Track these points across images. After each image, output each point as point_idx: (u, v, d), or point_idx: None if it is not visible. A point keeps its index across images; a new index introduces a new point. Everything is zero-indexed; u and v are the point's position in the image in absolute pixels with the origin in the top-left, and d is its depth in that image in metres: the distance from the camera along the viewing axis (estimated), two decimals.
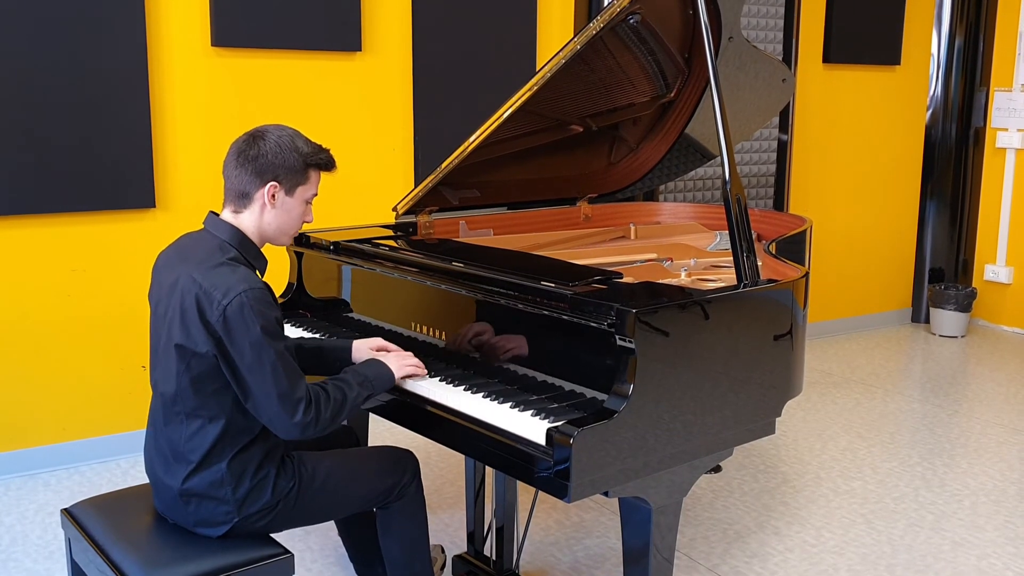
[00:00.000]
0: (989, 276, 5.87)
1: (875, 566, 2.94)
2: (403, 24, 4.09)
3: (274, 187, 2.03)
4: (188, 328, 1.94)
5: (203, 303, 1.92)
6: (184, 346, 1.95)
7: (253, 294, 1.92)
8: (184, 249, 2.06)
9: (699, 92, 3.05)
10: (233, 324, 1.90)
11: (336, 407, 2.03)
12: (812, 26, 5.25)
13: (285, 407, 1.94)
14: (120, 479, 3.57)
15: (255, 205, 2.04)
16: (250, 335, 1.90)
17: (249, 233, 2.06)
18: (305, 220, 2.12)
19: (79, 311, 3.62)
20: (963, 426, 4.18)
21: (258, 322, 1.91)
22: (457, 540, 3.06)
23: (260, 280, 1.98)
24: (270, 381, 1.92)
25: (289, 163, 2.03)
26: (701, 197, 5.02)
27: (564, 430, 1.80)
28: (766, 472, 3.65)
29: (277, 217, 2.06)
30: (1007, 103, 5.69)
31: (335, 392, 2.04)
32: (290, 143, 2.04)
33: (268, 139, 2.02)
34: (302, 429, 1.97)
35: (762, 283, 2.23)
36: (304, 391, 1.97)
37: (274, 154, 2.01)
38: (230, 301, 1.90)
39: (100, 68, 3.48)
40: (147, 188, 3.64)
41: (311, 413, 1.97)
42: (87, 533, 2.09)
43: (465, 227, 3.09)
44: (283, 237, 2.11)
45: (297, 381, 1.97)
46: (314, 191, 2.10)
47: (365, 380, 2.11)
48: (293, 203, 2.07)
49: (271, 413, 1.95)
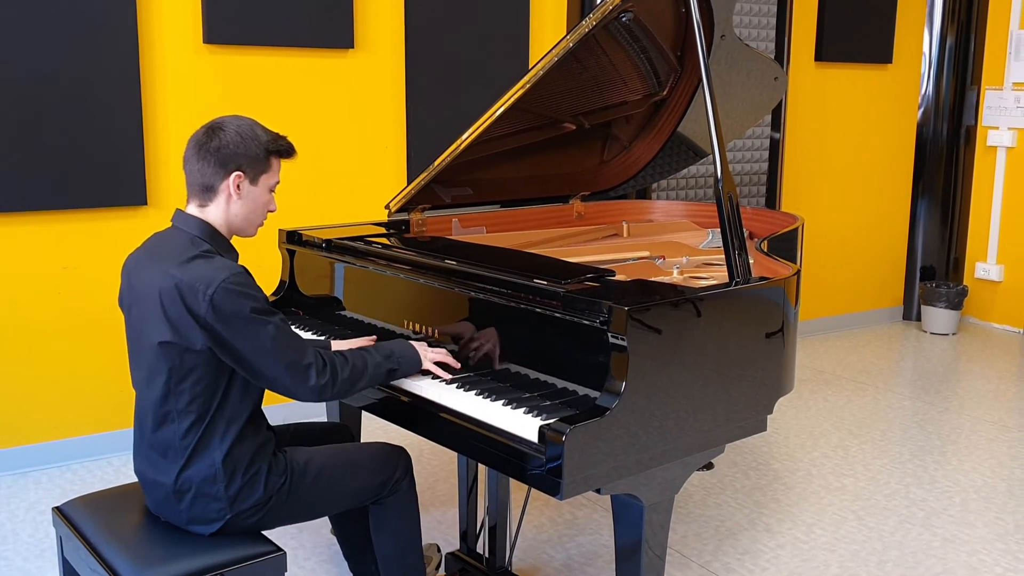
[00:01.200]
0: (980, 274, 5.90)
1: (866, 563, 2.95)
2: (396, 21, 4.09)
3: (238, 177, 2.02)
4: (175, 326, 1.93)
5: (187, 297, 1.91)
6: (173, 343, 1.94)
7: (235, 279, 1.93)
8: (154, 249, 2.05)
9: (691, 90, 3.06)
10: (224, 311, 1.90)
11: (355, 372, 2.06)
12: (804, 24, 5.26)
13: (297, 374, 1.97)
14: (112, 477, 3.56)
15: (220, 197, 2.04)
16: (243, 317, 1.92)
17: (217, 226, 2.05)
18: (269, 209, 2.12)
19: (70, 309, 3.61)
20: (954, 423, 4.20)
21: (248, 304, 1.92)
22: (450, 537, 3.07)
23: (238, 265, 1.99)
24: (274, 355, 1.95)
25: (251, 152, 2.03)
26: (693, 195, 5.03)
27: (556, 427, 1.80)
28: (758, 469, 3.66)
29: (244, 207, 2.06)
30: (998, 102, 5.71)
31: (354, 358, 2.08)
32: (250, 132, 2.03)
33: (228, 130, 2.02)
34: (319, 392, 2.00)
35: (754, 281, 2.24)
36: (312, 356, 2.00)
37: (235, 144, 2.01)
38: (215, 290, 1.90)
39: (92, 65, 3.47)
40: (139, 185, 3.63)
41: (326, 375, 2.01)
42: (79, 531, 2.09)
43: (458, 225, 3.09)
44: (251, 228, 2.11)
45: (302, 348, 1.99)
46: (277, 179, 2.10)
47: (391, 354, 2.15)
48: (258, 192, 2.07)
49: (287, 385, 1.99)
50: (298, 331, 2.66)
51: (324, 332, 2.63)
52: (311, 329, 2.66)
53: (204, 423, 1.99)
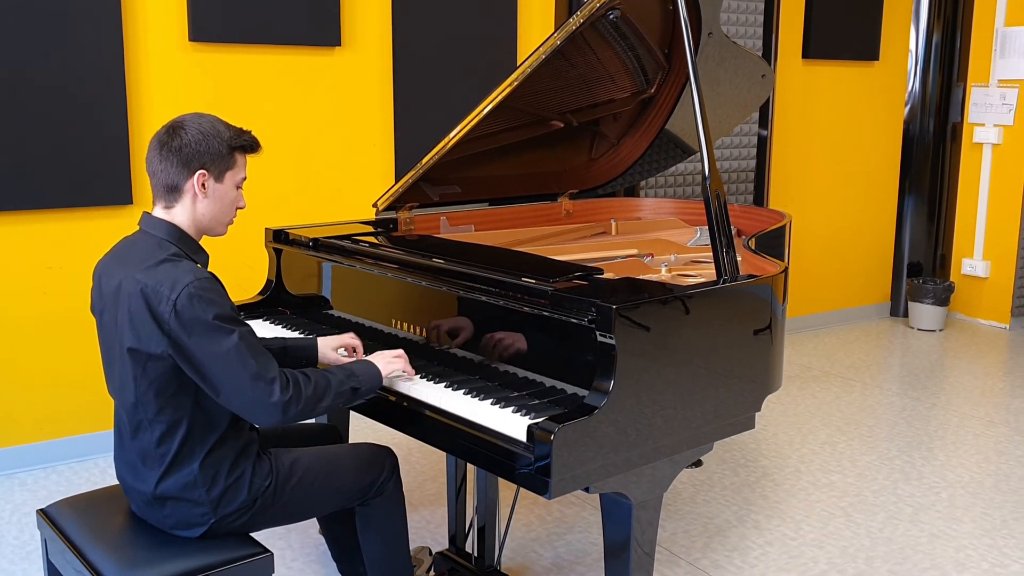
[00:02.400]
0: (966, 270, 5.92)
1: (854, 559, 2.96)
2: (383, 19, 4.07)
3: (203, 175, 1.98)
4: (139, 330, 1.89)
5: (151, 301, 1.87)
6: (138, 350, 1.90)
7: (201, 284, 1.88)
8: (122, 253, 2.02)
9: (679, 88, 3.06)
10: (186, 317, 1.85)
11: (319, 388, 1.98)
12: (791, 22, 5.27)
13: (259, 388, 1.88)
14: (98, 478, 3.54)
15: (186, 197, 2.00)
16: (206, 323, 1.86)
17: (185, 227, 2.01)
18: (238, 206, 2.08)
19: (55, 309, 3.58)
20: (941, 419, 4.22)
21: (211, 310, 1.87)
22: (439, 537, 3.06)
23: (206, 271, 1.95)
24: (237, 366, 1.87)
25: (214, 149, 1.98)
26: (682, 192, 5.03)
27: (545, 426, 1.80)
28: (746, 466, 3.67)
29: (210, 206, 2.02)
30: (984, 99, 5.74)
31: (317, 376, 2.01)
32: (211, 128, 1.99)
33: (189, 128, 1.98)
34: (283, 409, 1.91)
35: (741, 278, 2.23)
36: (276, 370, 1.93)
37: (197, 142, 1.97)
38: (179, 294, 1.85)
39: (76, 63, 3.45)
40: (124, 184, 3.60)
41: (290, 390, 1.92)
42: (63, 534, 2.07)
43: (446, 223, 3.08)
44: (219, 227, 2.07)
45: (266, 361, 1.92)
46: (243, 175, 2.06)
47: (352, 373, 2.09)
48: (224, 189, 2.03)
49: (246, 400, 1.89)
50: (285, 331, 2.65)
51: (311, 331, 2.61)
52: (298, 328, 2.65)
53: (179, 431, 1.95)
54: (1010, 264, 5.72)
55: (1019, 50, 5.55)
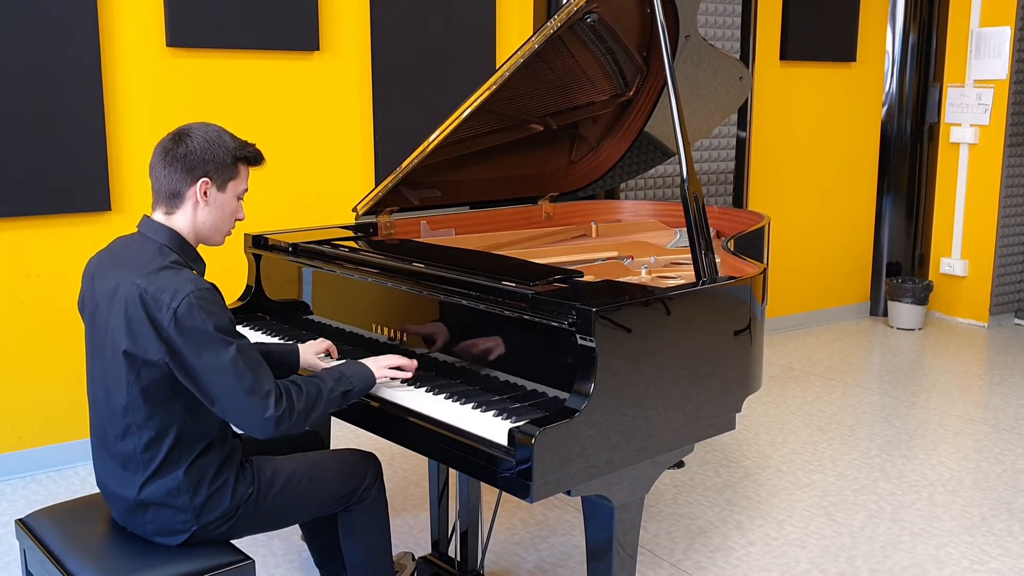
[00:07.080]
0: (945, 269, 5.97)
1: (836, 558, 2.98)
2: (361, 23, 4.07)
3: (206, 183, 1.99)
4: (136, 335, 1.89)
5: (151, 308, 1.88)
6: (133, 354, 1.90)
7: (202, 294, 1.89)
8: (120, 254, 2.02)
9: (658, 90, 3.07)
10: (186, 326, 1.86)
11: (310, 400, 1.99)
12: (769, 24, 5.30)
13: (254, 402, 1.89)
14: (78, 487, 3.51)
15: (187, 204, 2.01)
16: (205, 333, 1.87)
17: (184, 234, 2.02)
18: (237, 218, 2.09)
19: (34, 317, 3.55)
20: (921, 418, 4.25)
21: (211, 321, 1.87)
22: (421, 541, 3.05)
23: (206, 281, 1.95)
24: (233, 378, 1.88)
25: (218, 158, 2.00)
26: (661, 195, 5.05)
27: (526, 430, 1.80)
28: (728, 467, 3.68)
29: (211, 214, 2.03)
30: (960, 99, 5.79)
31: (308, 386, 2.01)
32: (217, 138, 2.01)
33: (195, 136, 1.99)
34: (276, 423, 1.92)
35: (721, 280, 2.25)
36: (271, 383, 1.93)
37: (202, 150, 1.98)
38: (180, 303, 1.86)
39: (53, 68, 3.42)
40: (102, 191, 3.58)
41: (283, 404, 1.93)
42: (42, 544, 2.05)
43: (426, 227, 3.08)
44: (218, 236, 2.07)
45: (263, 374, 1.93)
46: (244, 186, 2.07)
47: (342, 376, 2.09)
48: (225, 199, 2.04)
49: (241, 412, 1.90)
50: (265, 336, 2.63)
51: (292, 337, 2.60)
52: (278, 334, 2.64)
53: (167, 437, 1.95)
54: (988, 263, 5.78)
55: (994, 50, 5.60)
